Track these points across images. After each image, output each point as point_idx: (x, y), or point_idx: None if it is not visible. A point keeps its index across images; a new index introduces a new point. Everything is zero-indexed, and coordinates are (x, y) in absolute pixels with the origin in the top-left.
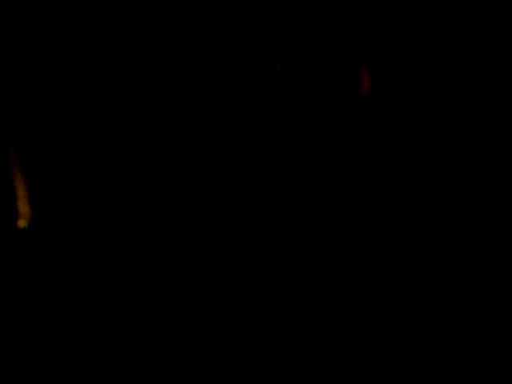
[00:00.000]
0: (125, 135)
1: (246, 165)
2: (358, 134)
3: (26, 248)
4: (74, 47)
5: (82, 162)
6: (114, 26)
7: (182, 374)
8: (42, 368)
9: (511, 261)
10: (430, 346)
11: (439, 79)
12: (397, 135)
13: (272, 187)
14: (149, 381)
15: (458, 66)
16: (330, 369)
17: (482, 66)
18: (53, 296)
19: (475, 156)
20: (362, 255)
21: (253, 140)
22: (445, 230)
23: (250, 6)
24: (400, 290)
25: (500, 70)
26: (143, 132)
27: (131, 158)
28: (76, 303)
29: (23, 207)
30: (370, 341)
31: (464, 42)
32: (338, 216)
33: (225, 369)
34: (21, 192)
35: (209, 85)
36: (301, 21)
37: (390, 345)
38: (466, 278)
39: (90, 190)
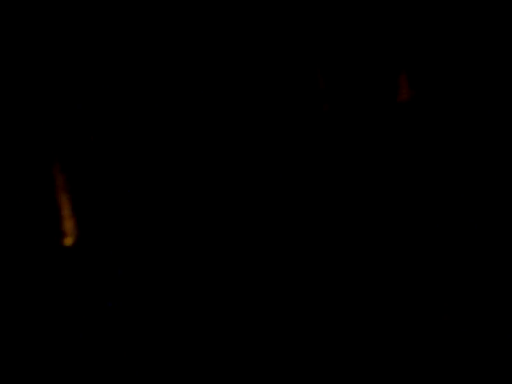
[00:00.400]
0: (171, 154)
1: (289, 176)
2: (399, 141)
3: (71, 266)
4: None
5: (126, 180)
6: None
7: (182, 374)
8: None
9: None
10: (430, 345)
11: (479, 86)
12: (437, 142)
13: (314, 196)
14: (149, 381)
15: (498, 73)
16: (330, 369)
17: None
18: (98, 310)
19: None
20: (392, 255)
21: (296, 151)
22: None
23: (290, 19)
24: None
25: None
26: (191, 151)
27: (177, 178)
28: (119, 317)
29: (68, 226)
30: (369, 340)
31: (505, 47)
32: (376, 223)
33: (225, 369)
34: (66, 211)
35: (252, 99)
36: (339, 29)
37: (390, 344)
38: (468, 277)
39: (134, 209)
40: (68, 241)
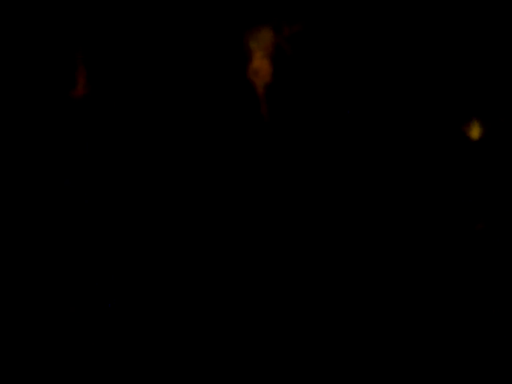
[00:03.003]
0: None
1: None
2: (71, 135)
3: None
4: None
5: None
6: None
7: (182, 374)
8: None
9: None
10: (431, 346)
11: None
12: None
13: None
14: (149, 381)
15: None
16: (330, 369)
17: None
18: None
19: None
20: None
21: None
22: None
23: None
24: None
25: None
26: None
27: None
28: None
29: None
30: (370, 340)
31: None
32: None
33: (225, 369)
34: None
35: None
36: None
37: (390, 345)
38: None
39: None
40: None
